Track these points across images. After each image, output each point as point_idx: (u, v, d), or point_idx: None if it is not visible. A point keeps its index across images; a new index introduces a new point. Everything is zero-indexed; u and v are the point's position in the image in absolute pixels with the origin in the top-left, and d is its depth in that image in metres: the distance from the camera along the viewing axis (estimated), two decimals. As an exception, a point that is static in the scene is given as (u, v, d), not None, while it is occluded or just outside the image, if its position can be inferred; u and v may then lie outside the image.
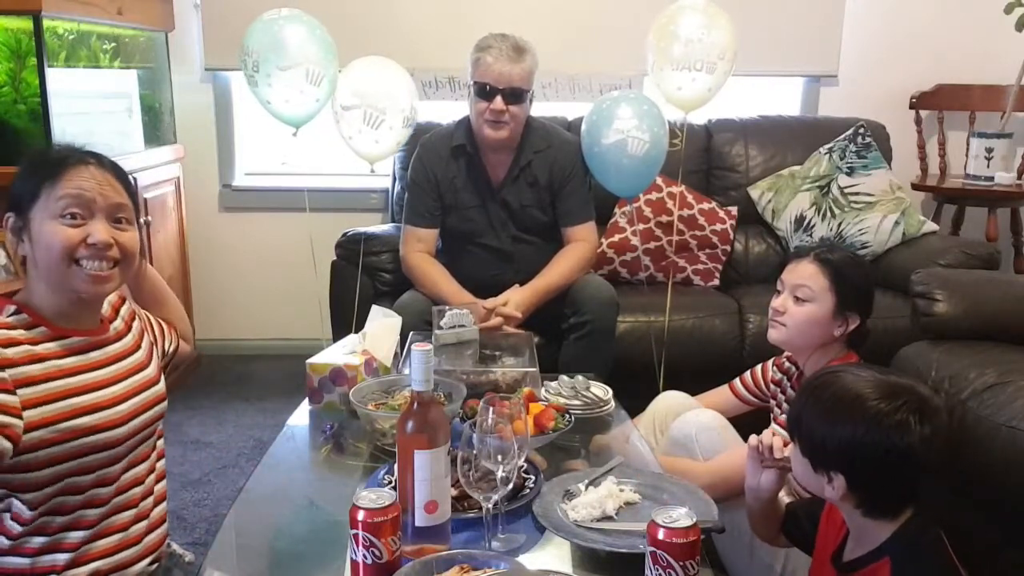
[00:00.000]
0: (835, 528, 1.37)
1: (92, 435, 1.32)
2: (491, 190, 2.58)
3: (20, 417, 1.24)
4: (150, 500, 1.48)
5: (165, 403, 1.50)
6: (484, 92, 2.42)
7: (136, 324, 1.51)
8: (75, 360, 1.34)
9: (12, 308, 1.32)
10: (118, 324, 1.47)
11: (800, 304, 1.79)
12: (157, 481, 1.50)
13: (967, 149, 3.53)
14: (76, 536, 1.34)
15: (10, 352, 1.25)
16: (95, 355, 1.37)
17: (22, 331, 1.29)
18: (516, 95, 2.42)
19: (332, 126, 2.71)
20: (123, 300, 1.53)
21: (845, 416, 1.20)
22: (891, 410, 1.18)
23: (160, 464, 1.52)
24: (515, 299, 2.40)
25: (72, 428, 1.29)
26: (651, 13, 2.70)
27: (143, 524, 1.45)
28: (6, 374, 1.23)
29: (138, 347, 1.48)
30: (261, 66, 2.51)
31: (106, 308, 1.47)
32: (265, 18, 2.56)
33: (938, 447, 1.20)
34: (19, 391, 1.24)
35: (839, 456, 1.21)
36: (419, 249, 2.57)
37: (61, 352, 1.32)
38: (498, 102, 2.40)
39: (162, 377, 1.52)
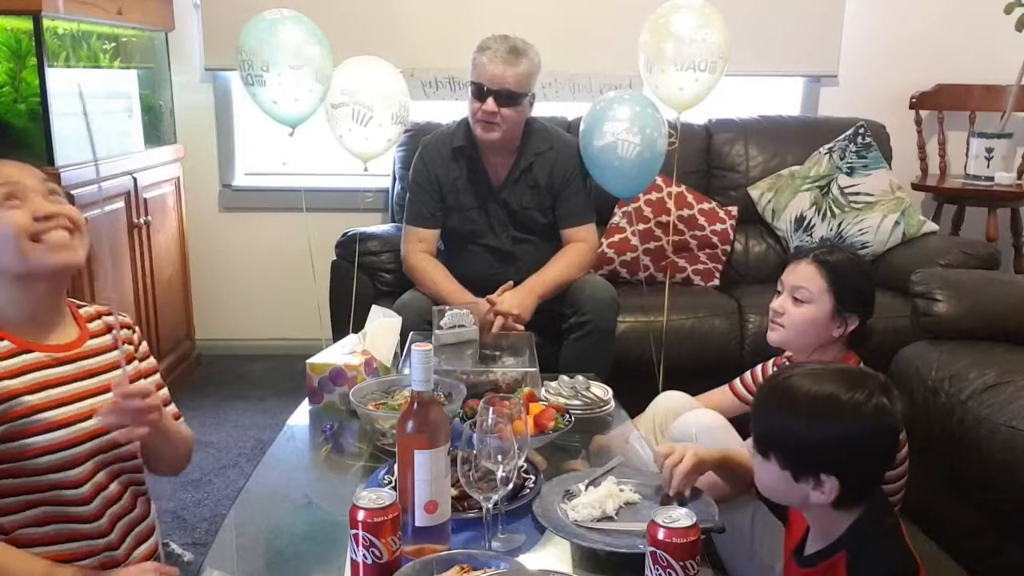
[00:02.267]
0: (800, 522, 1.38)
1: (54, 453, 1.28)
2: (492, 191, 2.58)
3: None
4: (137, 512, 1.43)
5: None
6: (478, 92, 2.42)
7: (127, 348, 1.43)
8: (39, 376, 1.30)
9: None
10: (106, 340, 1.42)
11: (799, 305, 1.79)
12: (140, 515, 1.45)
13: (967, 149, 3.53)
14: (63, 548, 1.31)
15: None
16: (61, 371, 1.33)
17: None
18: (509, 97, 2.41)
19: (326, 125, 2.71)
20: (129, 325, 1.49)
21: (828, 416, 1.21)
22: (865, 398, 1.20)
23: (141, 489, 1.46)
24: (509, 296, 2.40)
25: (33, 445, 1.26)
26: (651, 12, 2.69)
27: (132, 535, 1.42)
28: None
29: (118, 367, 1.37)
30: (272, 66, 2.50)
31: (98, 324, 1.43)
32: (268, 18, 2.56)
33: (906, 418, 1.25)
34: None
35: (830, 457, 1.21)
36: (420, 249, 2.57)
37: (25, 368, 1.28)
38: (490, 103, 2.40)
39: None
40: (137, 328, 1.52)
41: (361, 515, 1.14)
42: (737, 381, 2.09)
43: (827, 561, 1.26)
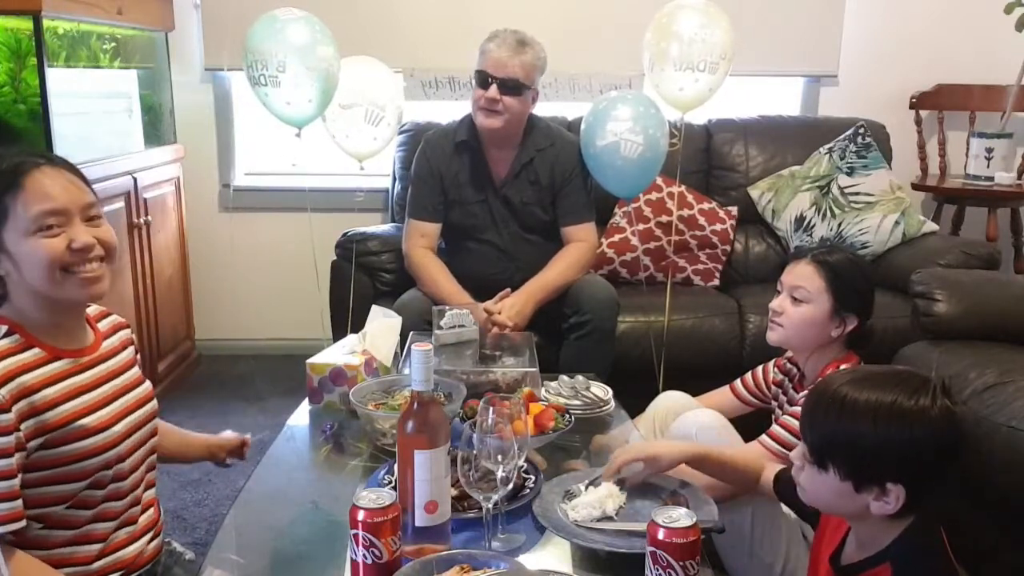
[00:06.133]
0: (833, 527, 1.36)
1: (93, 457, 1.31)
2: (493, 186, 2.58)
3: (25, 449, 1.23)
4: (149, 513, 1.48)
5: (157, 420, 1.50)
6: (482, 80, 2.43)
7: (132, 348, 1.50)
8: (71, 383, 1.31)
9: (3, 329, 1.28)
10: (113, 341, 1.45)
11: (797, 305, 1.79)
12: (145, 507, 1.50)
13: (967, 149, 3.53)
14: (87, 550, 1.34)
15: (11, 387, 1.22)
16: (88, 375, 1.35)
17: (18, 356, 1.26)
18: (512, 86, 2.42)
19: (319, 126, 2.72)
20: (126, 325, 1.52)
21: (894, 422, 1.15)
22: (930, 402, 1.15)
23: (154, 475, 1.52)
24: (508, 304, 2.39)
25: (72, 452, 1.28)
26: (651, 12, 2.69)
27: (147, 537, 1.45)
28: (12, 414, 1.21)
29: (131, 366, 1.47)
30: (287, 67, 2.50)
31: (105, 324, 1.46)
32: (281, 18, 2.55)
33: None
34: (23, 424, 1.22)
35: (898, 464, 1.16)
36: (422, 244, 2.58)
37: (57, 376, 1.29)
38: (492, 90, 2.41)
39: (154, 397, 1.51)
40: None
41: (361, 515, 1.15)
42: (738, 382, 2.09)
43: (869, 572, 1.22)
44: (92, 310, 1.44)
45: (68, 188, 1.29)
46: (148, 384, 1.49)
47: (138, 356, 1.53)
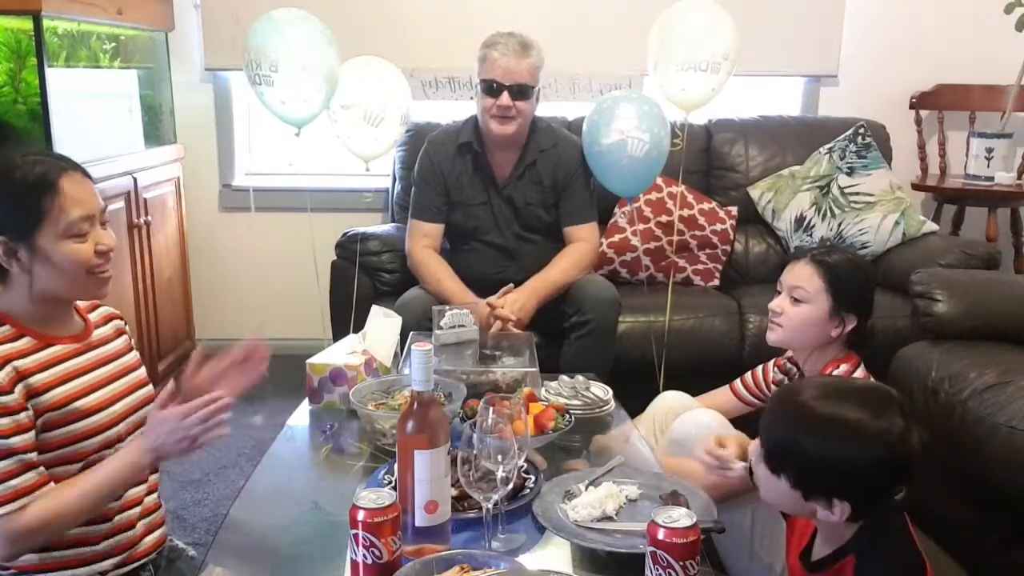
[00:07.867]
0: (802, 525, 1.37)
1: (94, 436, 1.34)
2: (496, 187, 2.59)
3: (34, 429, 1.28)
4: (152, 497, 1.50)
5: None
6: (491, 89, 2.43)
7: (125, 336, 1.53)
8: (64, 367, 1.35)
9: None
10: (105, 330, 1.48)
11: (797, 305, 1.79)
12: (150, 491, 1.52)
13: (967, 149, 3.53)
14: (93, 529, 1.36)
15: (7, 370, 1.26)
16: (81, 360, 1.39)
17: (10, 344, 1.30)
18: (522, 91, 2.43)
19: (325, 126, 2.72)
20: (119, 315, 1.55)
21: (852, 444, 1.15)
22: (889, 424, 1.16)
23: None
24: (511, 299, 2.40)
25: (72, 432, 1.32)
26: (652, 13, 2.70)
27: (146, 522, 1.47)
28: (16, 394, 1.25)
29: (126, 353, 1.50)
30: (281, 66, 2.49)
31: (96, 315, 1.49)
32: (277, 17, 2.55)
33: (926, 443, 1.19)
34: (29, 402, 1.27)
35: (848, 483, 1.17)
36: (425, 244, 2.58)
37: (50, 361, 1.33)
38: (504, 98, 2.41)
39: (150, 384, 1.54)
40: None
41: (361, 515, 1.14)
42: (738, 382, 2.09)
43: (835, 566, 1.24)
44: (82, 302, 1.47)
45: (93, 193, 1.36)
46: (143, 371, 1.51)
47: (132, 342, 1.55)
